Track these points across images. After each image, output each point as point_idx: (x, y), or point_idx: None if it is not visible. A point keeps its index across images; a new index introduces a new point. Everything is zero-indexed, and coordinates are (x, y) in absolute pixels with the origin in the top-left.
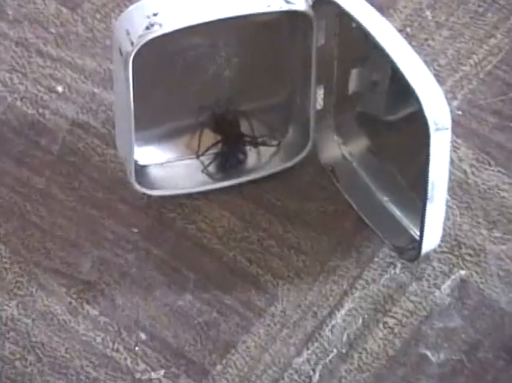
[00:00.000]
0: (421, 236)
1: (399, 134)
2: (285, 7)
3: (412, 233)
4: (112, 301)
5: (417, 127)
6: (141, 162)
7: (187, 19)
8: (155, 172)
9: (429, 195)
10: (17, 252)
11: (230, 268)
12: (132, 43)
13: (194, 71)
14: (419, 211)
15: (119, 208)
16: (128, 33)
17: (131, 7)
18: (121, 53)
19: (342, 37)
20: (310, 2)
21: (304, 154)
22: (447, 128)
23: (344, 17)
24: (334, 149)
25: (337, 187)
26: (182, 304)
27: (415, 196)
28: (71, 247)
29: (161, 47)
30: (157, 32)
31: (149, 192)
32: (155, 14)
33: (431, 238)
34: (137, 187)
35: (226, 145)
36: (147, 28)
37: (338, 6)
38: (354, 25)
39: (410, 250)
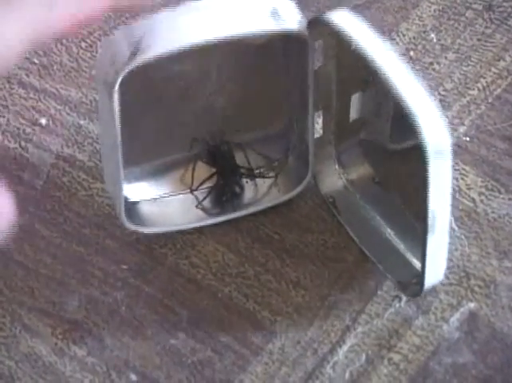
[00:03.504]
0: (423, 269)
1: (404, 163)
2: (276, 27)
3: (416, 267)
4: (101, 341)
5: (421, 155)
6: (131, 198)
7: (173, 44)
8: (146, 209)
9: (430, 225)
10: None
11: (226, 304)
12: (117, 72)
13: (185, 100)
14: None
15: (107, 244)
16: (111, 61)
17: (116, 32)
18: (105, 83)
19: (341, 60)
20: (304, 23)
21: (303, 186)
22: (446, 154)
23: (342, 39)
24: (335, 179)
25: (338, 219)
26: (175, 343)
27: (420, 228)
28: (56, 286)
29: (148, 75)
30: (142, 59)
31: (141, 230)
32: (139, 40)
33: (435, 272)
34: (127, 225)
35: (221, 178)
36: (132, 54)
37: (334, 27)
38: (353, 47)
39: (413, 284)
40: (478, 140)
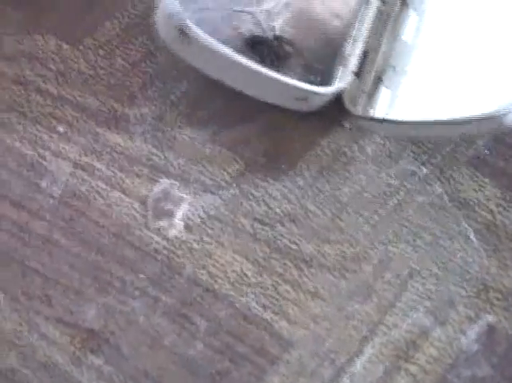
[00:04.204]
0: None
1: None
2: None
3: None
4: (118, 350)
5: None
6: None
7: None
8: None
9: None
10: (16, 300)
11: (243, 314)
12: None
13: None
14: None
15: (125, 254)
16: None
17: None
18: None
19: None
20: None
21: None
22: None
23: None
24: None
25: None
26: (192, 353)
27: None
28: (74, 295)
29: None
30: None
31: None
32: None
33: None
34: None
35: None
36: None
37: None
38: None
39: None
40: (496, 152)
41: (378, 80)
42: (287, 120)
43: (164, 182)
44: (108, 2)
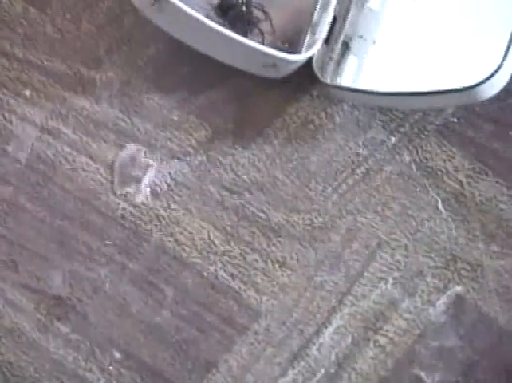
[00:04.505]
0: None
1: None
2: None
3: None
4: (85, 317)
5: None
6: None
7: None
8: None
9: None
10: None
11: (211, 283)
12: None
13: None
14: None
15: (91, 220)
16: None
17: None
18: None
19: None
20: None
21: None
22: None
23: None
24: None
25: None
26: (159, 321)
27: None
28: (40, 261)
29: None
30: None
31: None
32: None
33: None
34: None
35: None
36: None
37: None
38: None
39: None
40: (465, 121)
41: (345, 48)
42: (255, 86)
43: (131, 147)
44: None
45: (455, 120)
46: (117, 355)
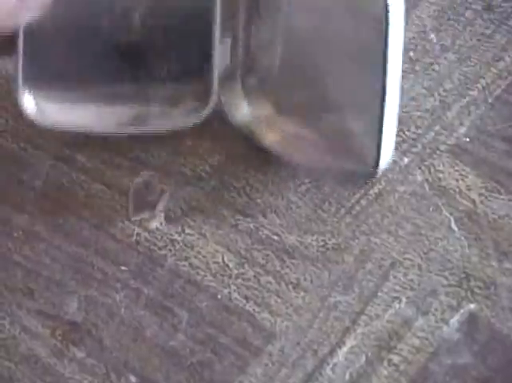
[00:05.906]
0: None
1: None
2: None
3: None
4: (100, 342)
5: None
6: None
7: None
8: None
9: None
10: None
11: (225, 306)
12: None
13: None
14: None
15: (106, 246)
16: None
17: None
18: None
19: None
20: None
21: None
22: None
23: None
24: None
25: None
26: (174, 344)
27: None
28: (56, 287)
29: None
30: None
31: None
32: None
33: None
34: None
35: None
36: None
37: None
38: None
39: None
40: (478, 141)
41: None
42: None
43: (145, 173)
44: None
45: (468, 139)
46: (133, 379)
